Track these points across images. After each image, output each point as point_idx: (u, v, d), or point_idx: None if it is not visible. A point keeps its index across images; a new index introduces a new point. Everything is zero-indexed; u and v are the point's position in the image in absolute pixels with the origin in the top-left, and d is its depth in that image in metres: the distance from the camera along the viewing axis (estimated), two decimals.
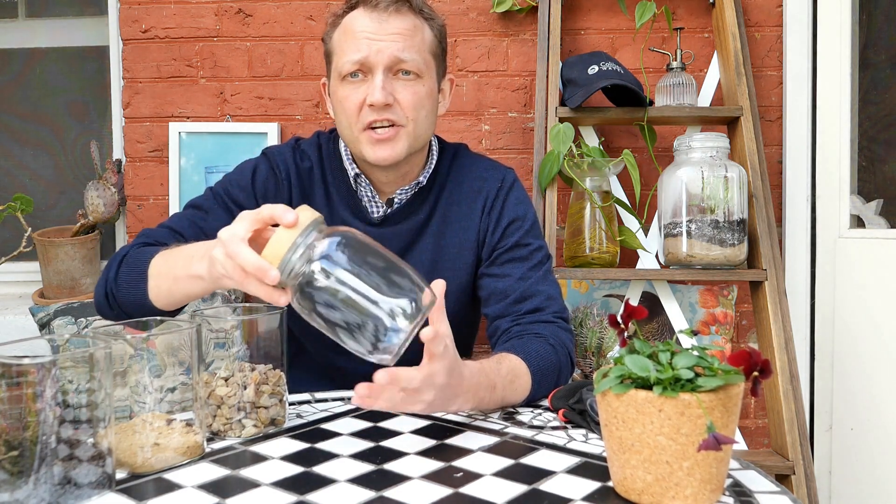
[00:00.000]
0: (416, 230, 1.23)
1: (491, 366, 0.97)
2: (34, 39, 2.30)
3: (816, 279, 1.98)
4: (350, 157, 1.22)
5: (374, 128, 1.13)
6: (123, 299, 1.04)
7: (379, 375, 0.78)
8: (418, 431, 0.89)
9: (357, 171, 1.21)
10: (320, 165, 1.24)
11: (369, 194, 1.22)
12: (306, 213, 0.78)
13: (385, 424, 0.92)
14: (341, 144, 1.24)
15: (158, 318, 0.88)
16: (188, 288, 0.95)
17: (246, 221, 0.81)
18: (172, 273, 0.97)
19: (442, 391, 0.84)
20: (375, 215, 1.23)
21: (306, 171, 1.23)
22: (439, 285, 0.81)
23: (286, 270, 0.76)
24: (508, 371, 0.99)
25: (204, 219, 1.16)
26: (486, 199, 1.24)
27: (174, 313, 1.06)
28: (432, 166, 1.25)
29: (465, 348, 1.38)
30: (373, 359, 0.78)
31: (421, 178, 1.22)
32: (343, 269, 0.76)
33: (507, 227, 1.22)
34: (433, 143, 1.28)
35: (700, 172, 1.69)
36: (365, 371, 0.81)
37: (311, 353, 1.29)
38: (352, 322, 0.76)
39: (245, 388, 0.87)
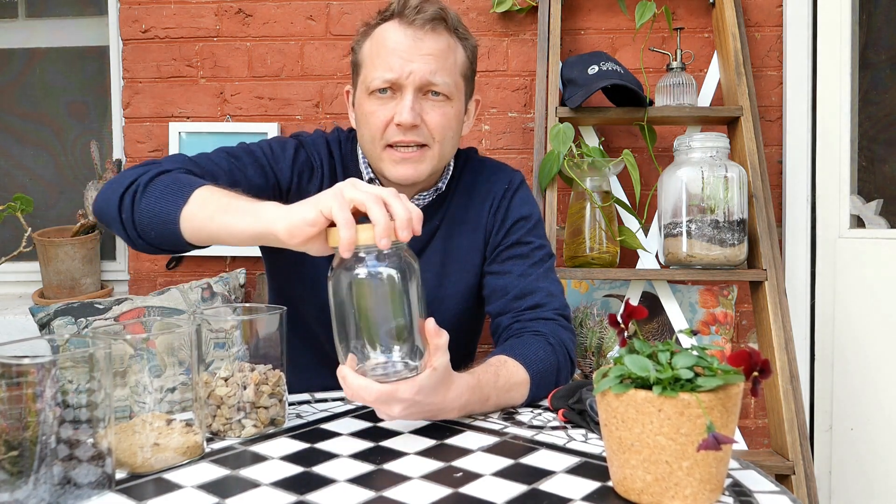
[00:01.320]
0: (427, 234, 1.24)
1: (487, 378, 0.96)
2: (34, 39, 2.30)
3: (816, 279, 1.98)
4: (366, 161, 1.22)
5: (397, 146, 1.12)
6: (145, 209, 0.98)
7: (339, 370, 0.83)
8: (418, 431, 0.89)
9: (372, 174, 1.21)
10: (341, 162, 1.24)
11: None
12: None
13: (385, 425, 0.92)
14: (358, 146, 1.24)
15: (158, 318, 0.88)
16: (235, 220, 0.90)
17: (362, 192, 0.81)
18: (227, 201, 0.92)
19: (412, 407, 0.84)
20: None
21: (332, 167, 1.24)
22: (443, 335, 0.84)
23: (359, 251, 0.79)
24: (505, 381, 0.98)
25: (242, 170, 1.12)
26: (493, 200, 1.25)
27: (184, 248, 1.01)
28: (450, 172, 1.25)
29: (470, 346, 1.38)
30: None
31: (440, 185, 1.23)
32: (387, 289, 0.80)
33: (511, 226, 1.23)
34: None
35: (700, 172, 1.69)
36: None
37: (326, 349, 1.28)
38: (353, 329, 0.81)
39: (245, 388, 0.87)
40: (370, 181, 1.22)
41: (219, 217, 0.92)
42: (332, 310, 0.82)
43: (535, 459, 0.80)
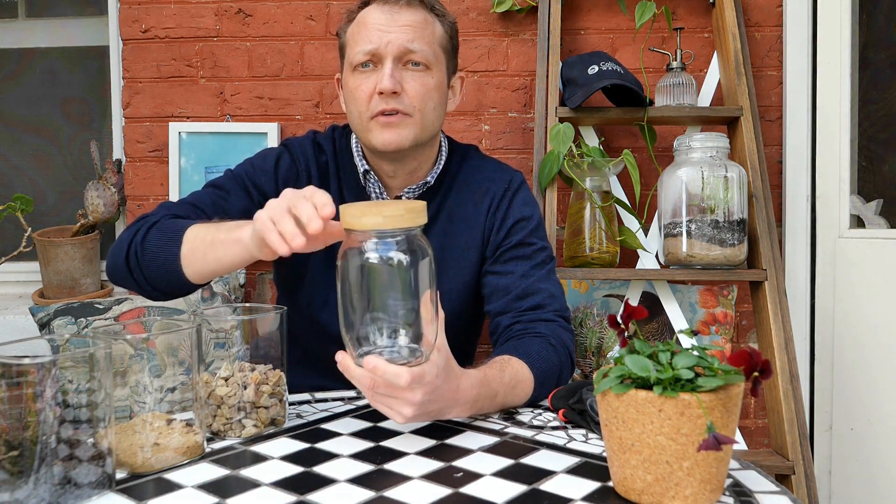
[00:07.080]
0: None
1: (493, 374, 0.96)
2: (34, 39, 2.29)
3: (816, 279, 1.98)
4: (360, 152, 1.24)
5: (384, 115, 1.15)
6: (149, 262, 1.05)
7: (367, 361, 0.79)
8: (418, 431, 0.89)
9: (366, 167, 1.23)
10: (334, 159, 1.26)
11: (377, 191, 1.24)
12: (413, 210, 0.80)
13: (385, 424, 0.92)
14: (352, 140, 1.26)
15: (158, 318, 0.88)
16: (224, 252, 0.97)
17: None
18: (211, 236, 0.99)
19: (433, 394, 0.83)
20: None
21: (323, 164, 1.26)
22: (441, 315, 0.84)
23: (371, 235, 0.78)
24: (511, 378, 0.99)
25: (225, 199, 1.18)
26: (492, 199, 1.25)
27: (194, 288, 1.07)
28: (441, 166, 1.26)
29: (469, 346, 1.38)
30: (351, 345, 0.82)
31: (429, 178, 1.24)
32: (398, 275, 0.79)
33: (512, 226, 1.23)
34: (443, 143, 1.29)
35: (700, 172, 1.69)
36: None
37: (313, 349, 1.29)
38: (361, 314, 0.79)
39: (245, 388, 0.87)
40: (364, 173, 1.23)
41: (211, 255, 0.99)
42: (339, 295, 0.80)
43: (536, 459, 0.80)
